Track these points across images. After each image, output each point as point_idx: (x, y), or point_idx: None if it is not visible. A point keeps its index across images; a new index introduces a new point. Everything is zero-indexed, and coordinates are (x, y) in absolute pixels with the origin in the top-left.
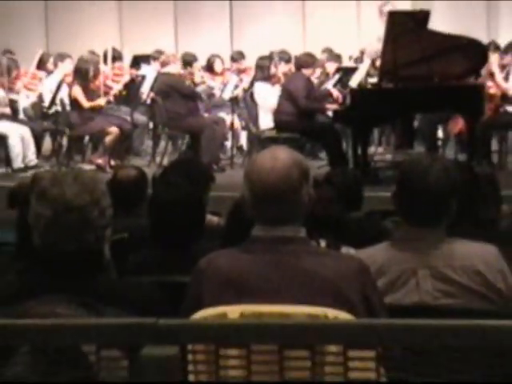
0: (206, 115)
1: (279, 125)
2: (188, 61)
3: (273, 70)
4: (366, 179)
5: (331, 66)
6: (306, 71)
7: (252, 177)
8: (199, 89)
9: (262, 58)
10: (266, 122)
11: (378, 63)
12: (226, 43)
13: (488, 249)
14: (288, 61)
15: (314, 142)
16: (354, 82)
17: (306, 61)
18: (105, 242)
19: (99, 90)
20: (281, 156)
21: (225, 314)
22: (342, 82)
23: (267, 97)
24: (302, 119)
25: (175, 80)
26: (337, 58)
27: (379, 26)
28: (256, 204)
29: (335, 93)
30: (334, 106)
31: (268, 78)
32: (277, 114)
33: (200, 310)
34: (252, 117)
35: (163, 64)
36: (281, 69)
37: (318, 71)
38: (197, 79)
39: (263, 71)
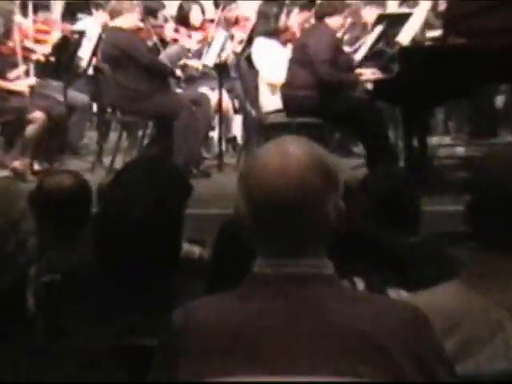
0: (179, 92)
1: (291, 105)
2: (150, 9)
3: (283, 19)
4: (425, 185)
5: (370, 13)
6: (331, 21)
7: (251, 185)
8: (170, 52)
9: (266, 1)
10: (271, 100)
11: (441, 8)
12: None
13: None
14: (305, 7)
15: (345, 129)
16: (404, 36)
17: (332, 5)
18: (27, 286)
19: (15, 56)
20: (294, 152)
21: None
22: (387, 38)
23: (274, 62)
24: (325, 96)
25: (130, 40)
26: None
27: None
28: (258, 225)
29: (367, 72)
30: (375, 75)
31: (275, 32)
32: (287, 88)
33: None
34: (250, 93)
35: (112, 14)
36: (294, 19)
37: (349, 21)
38: (167, 35)
39: (268, 21)
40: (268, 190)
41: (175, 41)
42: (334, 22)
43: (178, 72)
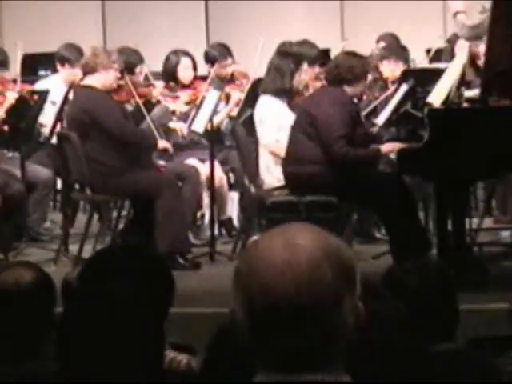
0: (161, 164)
1: (295, 183)
2: (126, 64)
3: (297, 77)
4: (464, 277)
5: (393, 68)
6: (350, 90)
7: (251, 285)
8: (154, 114)
9: (283, 47)
10: (274, 174)
11: (480, 62)
12: (198, 34)
13: None
14: (316, 59)
15: (364, 209)
16: (436, 96)
17: (355, 72)
18: None
19: None
20: (304, 245)
21: None
22: (415, 97)
23: (281, 126)
24: (338, 172)
25: (102, 104)
26: (402, 52)
27: None
28: (259, 334)
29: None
30: (399, 144)
31: (289, 92)
32: (290, 162)
33: None
34: (248, 165)
35: (84, 70)
36: (303, 76)
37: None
38: (155, 96)
39: (281, 78)
40: (273, 292)
41: (158, 102)
42: (352, 90)
43: (165, 144)
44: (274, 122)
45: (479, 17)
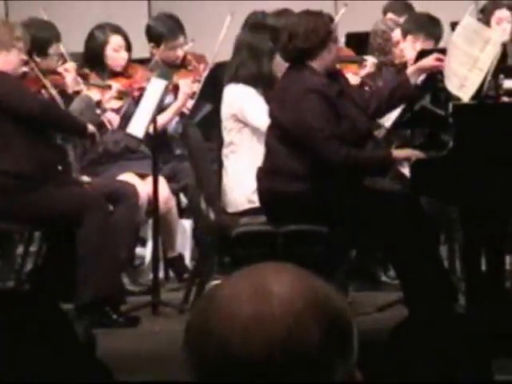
0: (85, 180)
1: (273, 205)
2: (37, 43)
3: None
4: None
5: (407, 47)
6: (318, 64)
7: (207, 342)
8: (73, 109)
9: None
10: (244, 192)
11: None
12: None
13: None
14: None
15: (366, 242)
16: (466, 90)
17: (314, 32)
18: None
19: None
20: (277, 290)
21: None
22: (435, 89)
23: (259, 125)
24: (330, 187)
25: (9, 82)
26: (434, 27)
27: None
28: None
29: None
30: (417, 152)
31: (268, 80)
32: (266, 178)
33: None
34: (206, 182)
35: None
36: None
37: (369, 63)
38: (68, 84)
39: (255, 62)
40: (236, 355)
41: (77, 93)
42: (320, 63)
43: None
44: (260, 106)
45: None
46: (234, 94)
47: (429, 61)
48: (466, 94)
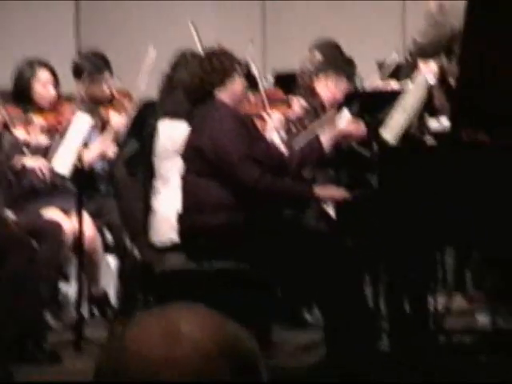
0: (8, 215)
1: (193, 243)
2: None
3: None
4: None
5: (320, 86)
6: (224, 94)
7: None
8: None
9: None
10: (173, 225)
11: (451, 80)
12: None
13: None
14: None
15: (292, 282)
16: (389, 128)
17: (222, 67)
18: None
19: None
20: (187, 331)
21: None
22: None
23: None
24: (251, 218)
25: None
26: (345, 66)
27: None
28: None
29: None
30: (342, 191)
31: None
32: (191, 208)
33: None
34: (132, 217)
35: None
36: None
37: (297, 104)
38: None
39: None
40: None
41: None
42: (228, 93)
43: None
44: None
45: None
46: (176, 129)
47: (352, 129)
48: (389, 134)
